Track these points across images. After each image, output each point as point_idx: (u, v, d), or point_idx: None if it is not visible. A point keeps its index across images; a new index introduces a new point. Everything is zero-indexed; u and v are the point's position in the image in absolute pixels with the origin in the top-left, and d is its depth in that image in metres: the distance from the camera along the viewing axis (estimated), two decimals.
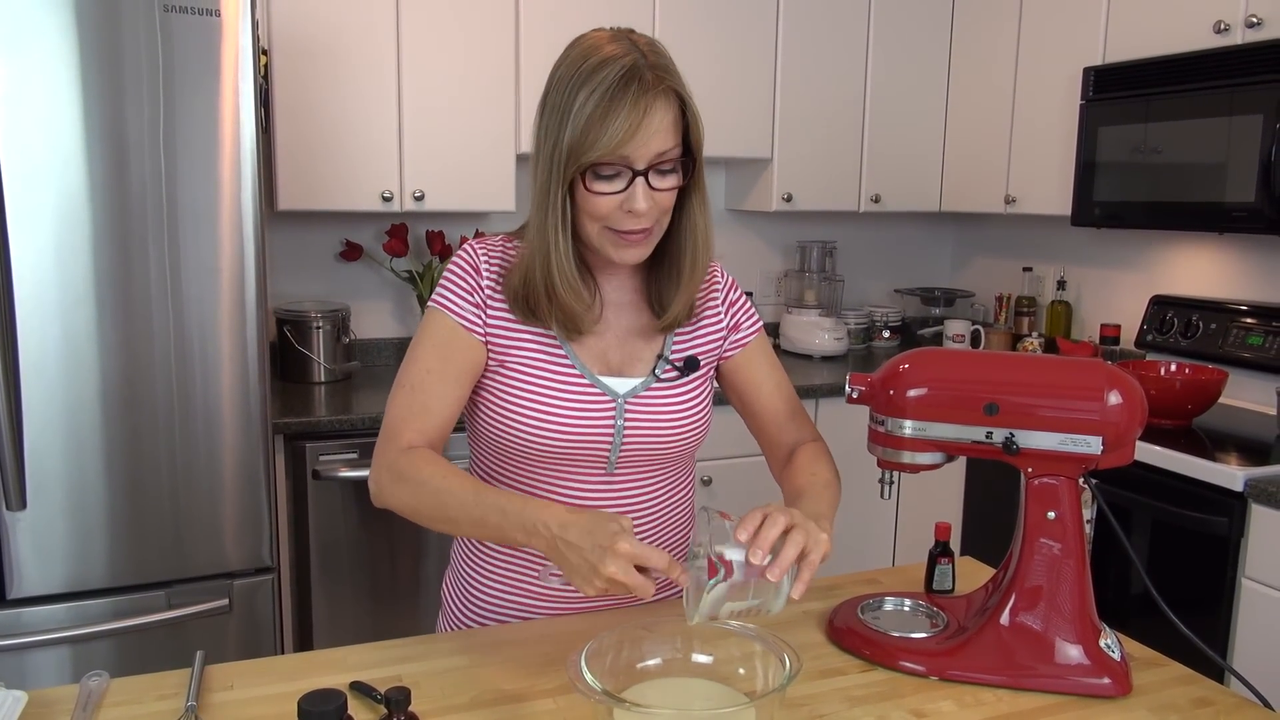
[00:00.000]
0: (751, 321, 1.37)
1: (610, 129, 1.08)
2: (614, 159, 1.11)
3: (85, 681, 1.05)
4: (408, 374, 1.22)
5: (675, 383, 1.28)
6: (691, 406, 1.29)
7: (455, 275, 1.25)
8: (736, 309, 1.36)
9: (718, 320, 1.34)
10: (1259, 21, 2.33)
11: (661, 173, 1.14)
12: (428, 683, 1.08)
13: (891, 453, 1.18)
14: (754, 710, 0.89)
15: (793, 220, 3.63)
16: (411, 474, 1.13)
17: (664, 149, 1.12)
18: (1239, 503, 2.08)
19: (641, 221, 1.15)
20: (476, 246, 1.26)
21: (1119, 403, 1.09)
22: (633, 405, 1.24)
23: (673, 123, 1.13)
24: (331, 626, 2.51)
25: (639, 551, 0.94)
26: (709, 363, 1.33)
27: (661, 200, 1.15)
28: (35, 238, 1.91)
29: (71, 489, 2.00)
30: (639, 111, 1.09)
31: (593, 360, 1.25)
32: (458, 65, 2.76)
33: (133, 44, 1.93)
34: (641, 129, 1.09)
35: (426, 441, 1.19)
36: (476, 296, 1.24)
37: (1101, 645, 1.12)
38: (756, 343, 1.37)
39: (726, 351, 1.36)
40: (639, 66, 1.10)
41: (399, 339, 3.16)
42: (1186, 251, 2.92)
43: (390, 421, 1.20)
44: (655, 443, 1.26)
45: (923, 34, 3.34)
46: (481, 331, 1.24)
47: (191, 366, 2.06)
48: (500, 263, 1.26)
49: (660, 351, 1.29)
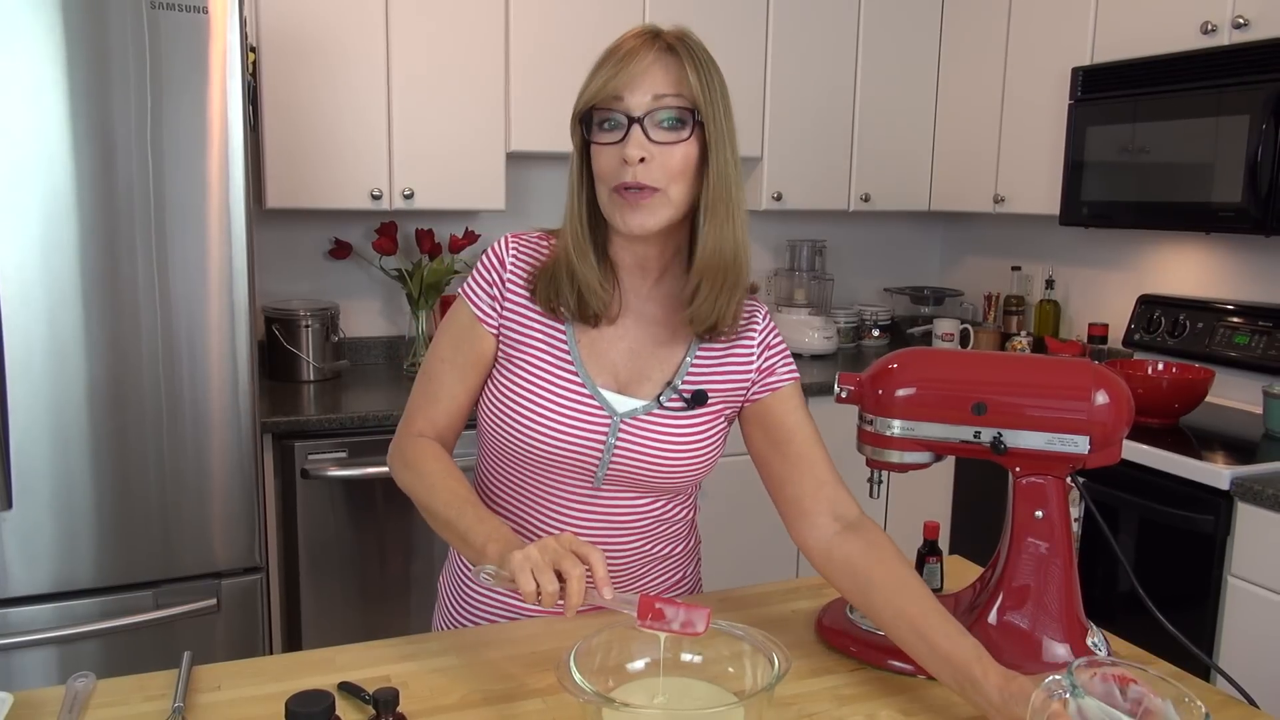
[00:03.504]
0: (788, 369, 1.26)
1: (605, 70, 1.12)
2: (609, 102, 1.12)
3: (71, 683, 1.04)
4: (428, 361, 1.28)
5: (679, 413, 1.22)
6: (691, 440, 1.22)
7: (482, 266, 1.26)
8: (773, 354, 1.26)
9: (748, 359, 1.25)
10: (1246, 22, 2.34)
11: (661, 126, 1.11)
12: (416, 683, 1.08)
13: (880, 452, 1.19)
14: (742, 709, 0.89)
15: (782, 219, 3.64)
16: (415, 463, 1.20)
17: (661, 91, 1.11)
18: (1225, 501, 2.09)
19: (638, 175, 1.10)
20: (509, 239, 1.26)
21: (1106, 403, 1.09)
22: (629, 426, 1.20)
23: (673, 71, 1.12)
24: (320, 626, 2.50)
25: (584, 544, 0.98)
26: (719, 403, 1.24)
27: (664, 157, 1.11)
28: (21, 236, 1.90)
29: (58, 488, 1.99)
30: (631, 53, 1.12)
31: (599, 372, 1.22)
32: (447, 63, 2.75)
33: (120, 41, 1.92)
34: (629, 65, 1.11)
35: (434, 428, 1.25)
36: (495, 289, 1.24)
37: (1088, 644, 1.12)
38: (791, 388, 1.25)
39: (754, 394, 1.25)
40: (654, 30, 1.15)
41: (388, 337, 3.15)
42: (1174, 251, 2.93)
43: (409, 405, 1.27)
44: (645, 468, 1.21)
45: (912, 34, 3.35)
46: (495, 324, 1.24)
47: (179, 365, 2.05)
48: (530, 256, 1.25)
49: (671, 379, 1.23)
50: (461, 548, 1.12)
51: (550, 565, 0.95)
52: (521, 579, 0.95)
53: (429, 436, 1.24)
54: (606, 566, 0.96)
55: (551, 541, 0.98)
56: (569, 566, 0.95)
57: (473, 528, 1.08)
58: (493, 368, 1.25)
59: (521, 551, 0.97)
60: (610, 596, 0.96)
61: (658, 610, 0.95)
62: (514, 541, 1.04)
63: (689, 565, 1.39)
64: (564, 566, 0.95)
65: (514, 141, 2.85)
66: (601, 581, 0.96)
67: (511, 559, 0.97)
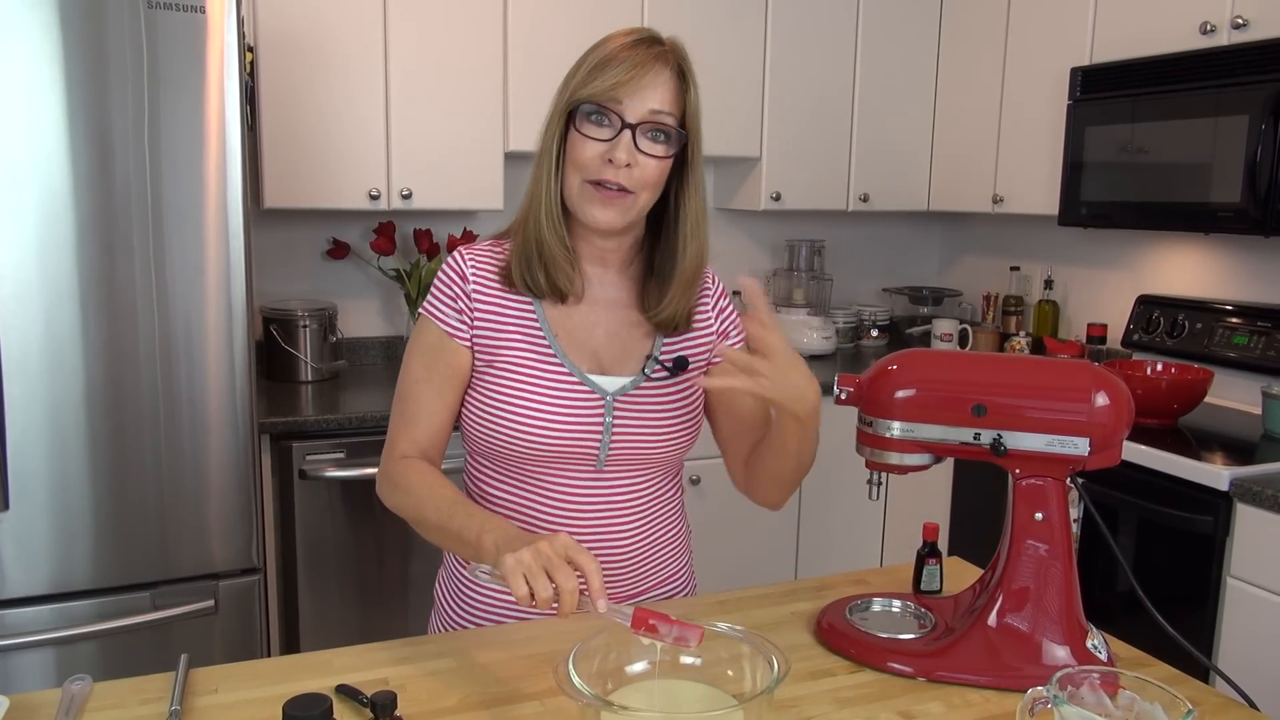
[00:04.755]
0: (739, 330, 1.37)
1: (610, 71, 1.15)
2: (608, 102, 1.15)
3: (68, 686, 1.04)
4: (401, 384, 1.29)
5: (664, 383, 1.28)
6: (681, 407, 1.29)
7: (442, 283, 1.27)
8: (725, 316, 1.37)
9: (708, 325, 1.34)
10: (1245, 23, 2.34)
11: (652, 139, 1.17)
12: (414, 685, 1.08)
13: (880, 454, 1.18)
14: (742, 713, 0.88)
15: (781, 219, 3.63)
16: (401, 482, 1.21)
17: (658, 108, 1.16)
18: (1224, 502, 2.09)
19: (620, 176, 1.16)
20: (464, 252, 1.28)
21: (1106, 404, 1.09)
22: (622, 403, 1.24)
23: (672, 89, 1.18)
24: (318, 627, 2.50)
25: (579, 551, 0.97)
26: (698, 365, 1.32)
27: (646, 167, 1.17)
28: (18, 236, 1.89)
29: (55, 489, 1.98)
30: (640, 65, 1.15)
31: (582, 358, 1.25)
32: (445, 63, 2.75)
33: (117, 40, 1.92)
34: (638, 77, 1.15)
35: (418, 449, 1.25)
36: (461, 303, 1.25)
37: (1088, 646, 1.12)
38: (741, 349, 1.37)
39: (715, 357, 1.34)
40: (654, 38, 1.18)
41: (386, 338, 3.15)
42: (1173, 251, 2.93)
43: (389, 431, 1.29)
44: (644, 442, 1.26)
45: (911, 34, 3.34)
46: (467, 337, 1.25)
47: (177, 365, 2.05)
48: (488, 264, 1.28)
49: (650, 352, 1.29)
50: (458, 548, 1.12)
51: (543, 570, 0.95)
52: (514, 583, 0.95)
53: (413, 458, 1.25)
54: (603, 577, 0.96)
55: (545, 546, 0.97)
56: (562, 579, 0.94)
57: (465, 525, 1.09)
58: (470, 379, 1.26)
59: (514, 555, 0.96)
60: (604, 609, 0.95)
61: (651, 625, 0.95)
62: (509, 530, 1.05)
63: (684, 555, 1.41)
64: (557, 578, 0.94)
65: (512, 141, 2.84)
66: (596, 593, 0.95)
67: (504, 562, 0.96)
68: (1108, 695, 0.93)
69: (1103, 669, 0.96)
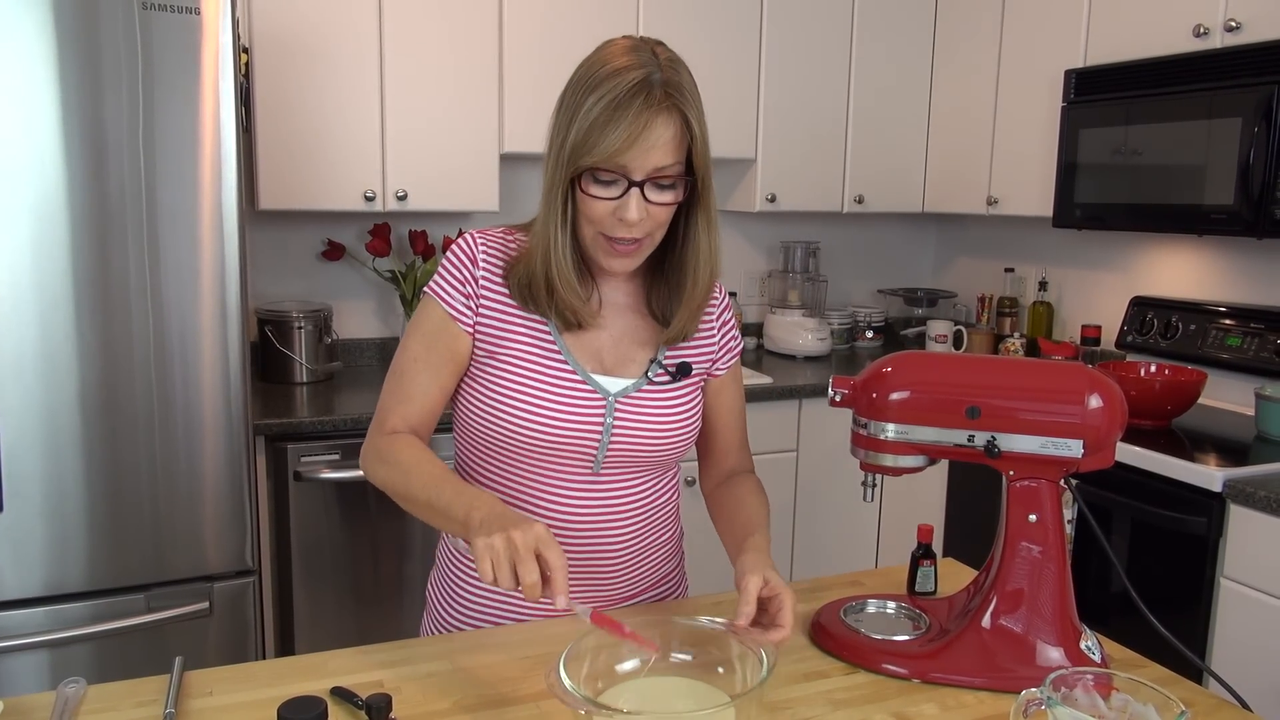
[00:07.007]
0: (736, 345, 1.39)
1: (609, 137, 1.10)
2: (611, 166, 1.12)
3: (62, 688, 1.03)
4: (398, 360, 1.27)
5: (667, 387, 1.28)
6: (681, 411, 1.29)
7: (451, 264, 1.26)
8: (726, 330, 1.38)
9: (710, 336, 1.35)
10: (1237, 25, 2.35)
11: (659, 187, 1.14)
12: (409, 688, 1.08)
13: (874, 455, 1.18)
14: (732, 710, 0.89)
15: (776, 221, 3.64)
16: (390, 456, 1.19)
17: (662, 164, 1.13)
18: (1218, 503, 2.09)
19: (633, 231, 1.16)
20: (476, 236, 1.27)
21: (1099, 406, 1.10)
22: (623, 405, 1.24)
23: (675, 140, 1.13)
24: (313, 629, 2.50)
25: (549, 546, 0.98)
26: (700, 373, 1.33)
27: (656, 214, 1.16)
28: (12, 238, 1.89)
29: (50, 491, 1.98)
30: (640, 125, 1.10)
31: (587, 358, 1.25)
32: (441, 64, 2.75)
33: (111, 42, 1.91)
34: (640, 142, 1.10)
35: (409, 427, 1.24)
36: (469, 287, 1.24)
37: (1082, 647, 1.12)
38: (735, 368, 1.40)
39: (715, 369, 1.36)
40: (651, 81, 1.11)
41: (381, 339, 3.15)
42: (1166, 253, 2.94)
43: (380, 406, 1.27)
44: (643, 444, 1.26)
45: (906, 36, 3.35)
46: (470, 323, 1.24)
47: (171, 367, 2.05)
48: (500, 253, 1.26)
49: (654, 355, 1.29)
50: (445, 524, 1.11)
51: (509, 561, 0.97)
52: (481, 566, 0.98)
53: (403, 433, 1.24)
54: (567, 574, 0.98)
55: (518, 535, 0.98)
56: (524, 573, 0.96)
57: (453, 502, 1.08)
58: (469, 365, 1.26)
59: (486, 539, 0.98)
60: (564, 604, 0.97)
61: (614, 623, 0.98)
62: (496, 508, 1.04)
63: (676, 558, 1.41)
64: (519, 570, 0.97)
65: (507, 143, 2.84)
66: (557, 589, 0.97)
67: (475, 544, 0.99)
68: (1101, 696, 0.93)
69: (1096, 670, 0.97)
